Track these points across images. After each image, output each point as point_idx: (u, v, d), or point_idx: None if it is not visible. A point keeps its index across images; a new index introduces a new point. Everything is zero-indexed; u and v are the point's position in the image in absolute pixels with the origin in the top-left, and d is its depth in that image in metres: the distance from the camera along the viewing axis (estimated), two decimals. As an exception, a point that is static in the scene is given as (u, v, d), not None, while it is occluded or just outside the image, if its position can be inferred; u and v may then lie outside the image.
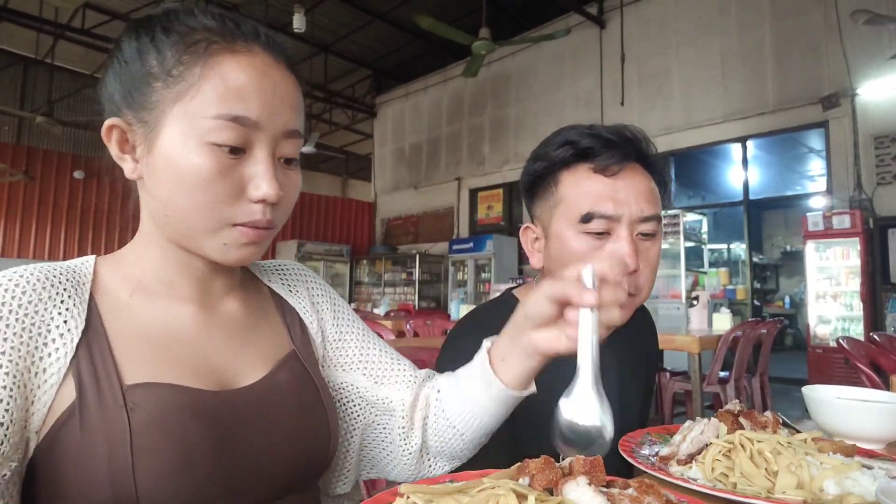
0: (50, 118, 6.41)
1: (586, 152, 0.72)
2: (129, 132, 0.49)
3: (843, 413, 0.66)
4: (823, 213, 4.99)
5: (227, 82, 0.46)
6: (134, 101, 0.48)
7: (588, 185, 0.71)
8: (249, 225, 0.48)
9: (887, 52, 4.47)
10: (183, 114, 0.46)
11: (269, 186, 0.47)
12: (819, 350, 4.95)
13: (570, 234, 0.72)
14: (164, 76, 0.47)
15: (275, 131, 0.48)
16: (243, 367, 0.53)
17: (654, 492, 0.35)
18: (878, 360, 1.66)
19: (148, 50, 0.48)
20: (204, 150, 0.46)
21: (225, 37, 0.48)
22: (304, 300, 0.64)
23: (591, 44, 6.81)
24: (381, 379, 0.64)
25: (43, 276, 0.46)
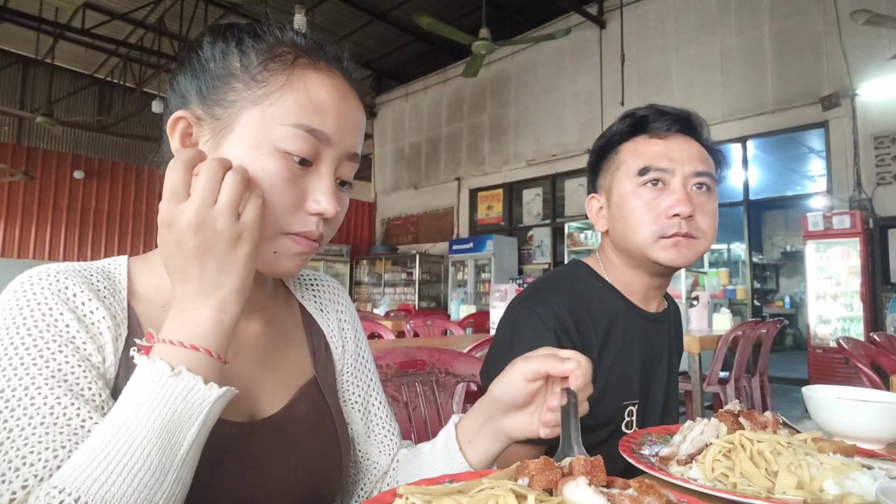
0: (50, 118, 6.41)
1: (643, 122, 0.82)
2: (196, 126, 0.49)
3: (843, 413, 0.66)
4: (823, 214, 4.99)
5: (311, 95, 0.47)
6: (208, 98, 0.48)
7: (644, 147, 0.82)
8: (303, 235, 0.48)
9: (887, 52, 4.47)
10: (261, 117, 0.46)
11: (329, 202, 0.48)
12: (819, 350, 4.95)
13: (630, 188, 0.81)
14: (246, 79, 0.47)
15: (341, 151, 0.50)
16: (264, 395, 0.52)
17: (654, 492, 0.35)
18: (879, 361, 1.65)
19: (232, 52, 0.49)
20: (276, 156, 0.46)
21: (310, 54, 0.49)
22: (333, 323, 0.63)
23: (591, 44, 6.81)
24: (371, 433, 0.63)
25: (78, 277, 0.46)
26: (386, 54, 8.86)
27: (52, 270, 0.45)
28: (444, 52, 8.19)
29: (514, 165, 7.60)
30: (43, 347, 0.41)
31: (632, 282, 0.85)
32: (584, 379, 0.48)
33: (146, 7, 7.10)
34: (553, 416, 0.48)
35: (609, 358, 0.80)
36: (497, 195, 7.99)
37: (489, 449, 0.53)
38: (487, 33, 4.99)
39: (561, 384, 0.49)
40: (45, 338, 0.41)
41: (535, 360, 0.49)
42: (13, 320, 0.42)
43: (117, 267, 0.50)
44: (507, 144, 7.80)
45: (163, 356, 0.38)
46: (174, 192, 0.39)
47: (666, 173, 0.79)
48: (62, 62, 8.31)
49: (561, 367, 0.48)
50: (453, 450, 0.54)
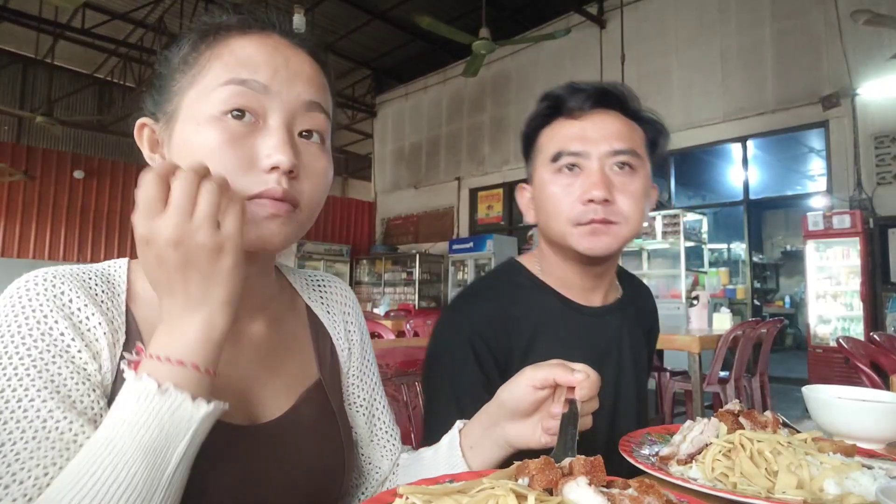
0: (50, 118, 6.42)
1: (559, 103, 0.77)
2: (157, 129, 0.50)
3: (843, 413, 0.66)
4: (823, 213, 4.99)
5: (236, 54, 0.47)
6: (161, 98, 0.49)
7: (560, 130, 0.77)
8: (264, 195, 0.45)
9: (887, 52, 4.46)
10: (196, 95, 0.46)
11: (281, 152, 0.45)
12: (819, 350, 4.95)
13: (546, 176, 0.77)
14: (183, 68, 0.48)
15: (289, 101, 0.47)
16: (268, 398, 0.52)
17: (654, 492, 0.35)
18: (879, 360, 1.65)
19: (173, 52, 0.50)
20: (213, 123, 0.45)
21: (241, 25, 0.49)
22: (339, 325, 0.62)
23: (591, 44, 6.80)
24: (374, 437, 0.63)
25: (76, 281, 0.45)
26: (386, 54, 8.85)
27: (48, 275, 0.44)
28: (445, 52, 8.18)
29: (514, 165, 7.59)
30: (37, 357, 0.40)
31: (567, 276, 0.80)
32: (590, 391, 0.48)
33: (146, 7, 7.10)
34: (554, 424, 0.49)
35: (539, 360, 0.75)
36: (497, 195, 7.99)
37: (491, 455, 0.53)
38: (487, 33, 4.99)
39: (567, 395, 0.49)
40: (39, 347, 0.41)
41: (544, 368, 0.50)
42: (8, 328, 0.41)
43: (117, 269, 0.49)
44: (507, 144, 7.80)
45: (150, 372, 0.38)
46: (148, 206, 0.37)
47: (580, 157, 0.73)
48: (62, 62, 8.30)
49: (569, 376, 0.48)
50: (456, 455, 0.54)
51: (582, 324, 0.79)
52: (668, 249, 6.01)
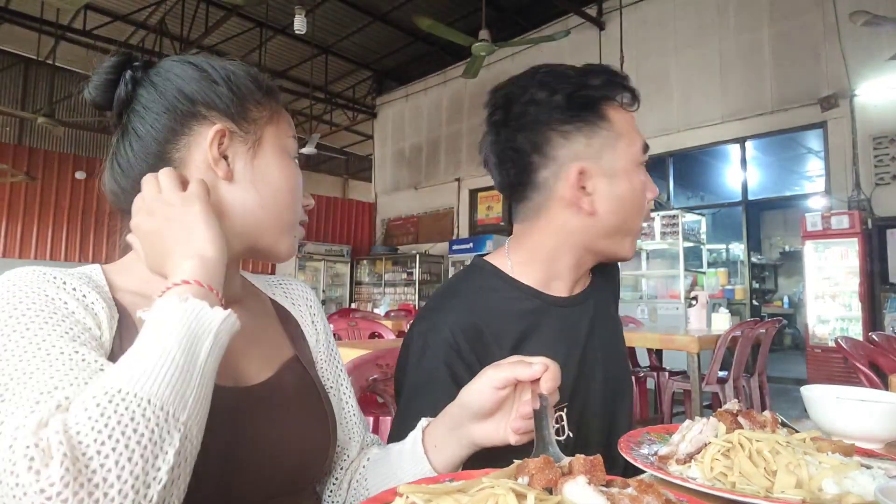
0: (51, 119, 6.41)
1: (620, 88, 0.72)
2: (232, 138, 0.56)
3: (842, 413, 0.66)
4: (822, 214, 5.00)
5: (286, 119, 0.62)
6: (238, 115, 0.56)
7: (629, 118, 0.73)
8: (303, 224, 0.61)
9: (886, 53, 4.47)
10: (275, 133, 0.59)
11: (309, 198, 0.63)
12: (818, 350, 4.96)
13: (635, 168, 0.71)
14: (260, 101, 0.58)
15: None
16: (251, 367, 0.55)
17: (653, 491, 0.35)
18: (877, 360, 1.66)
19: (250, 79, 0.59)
20: (293, 163, 0.60)
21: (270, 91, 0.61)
22: (305, 316, 0.69)
23: (591, 45, 6.81)
24: (342, 420, 0.66)
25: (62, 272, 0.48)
26: (386, 55, 8.86)
27: (33, 268, 0.47)
28: (445, 53, 8.19)
29: (514, 166, 7.59)
30: (47, 318, 0.43)
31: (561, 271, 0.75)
32: (553, 382, 0.49)
33: (147, 8, 7.11)
34: (524, 423, 0.50)
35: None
36: (497, 195, 7.99)
37: (454, 454, 0.54)
38: (487, 34, 4.99)
39: (533, 389, 0.50)
40: (46, 311, 0.44)
41: (504, 367, 0.51)
42: (8, 302, 0.43)
43: (92, 270, 0.53)
44: (506, 145, 7.80)
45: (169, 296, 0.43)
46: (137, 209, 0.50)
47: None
48: (63, 63, 8.30)
49: (529, 371, 0.49)
50: (419, 453, 0.55)
51: (563, 315, 0.75)
52: (666, 250, 6.02)
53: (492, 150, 0.75)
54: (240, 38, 7.79)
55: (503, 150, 0.73)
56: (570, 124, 0.70)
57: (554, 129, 0.70)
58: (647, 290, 6.18)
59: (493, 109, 0.74)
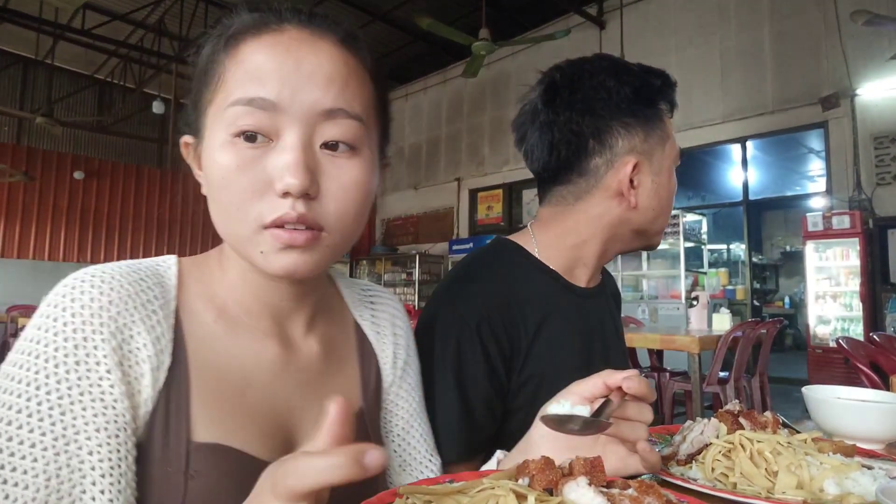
0: (50, 118, 6.41)
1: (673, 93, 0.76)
2: (195, 145, 0.47)
3: (843, 413, 0.66)
4: (823, 214, 4.99)
5: (245, 66, 0.42)
6: (192, 113, 0.47)
7: (671, 124, 0.75)
8: (279, 223, 0.42)
9: (887, 53, 4.47)
10: (213, 112, 0.44)
11: (293, 175, 0.41)
12: (819, 350, 4.95)
13: (673, 169, 0.75)
14: (203, 77, 0.45)
15: (304, 112, 0.42)
16: (305, 425, 0.48)
17: (654, 492, 0.35)
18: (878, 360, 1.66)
19: (195, 60, 0.47)
20: (226, 146, 0.42)
21: (255, 23, 0.44)
22: (387, 345, 0.58)
23: (591, 44, 6.81)
24: (407, 466, 0.57)
25: (129, 285, 0.42)
26: (386, 55, 8.85)
27: (100, 278, 0.41)
28: (445, 53, 8.19)
29: (514, 165, 7.59)
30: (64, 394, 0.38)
31: (594, 258, 0.76)
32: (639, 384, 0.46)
33: (146, 8, 7.10)
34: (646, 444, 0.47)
35: (543, 350, 0.69)
36: (497, 195, 8.00)
37: None
38: (487, 34, 4.99)
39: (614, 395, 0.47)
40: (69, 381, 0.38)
41: (589, 381, 0.47)
42: (45, 347, 0.39)
43: (167, 270, 0.46)
44: (507, 144, 7.80)
45: None
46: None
47: None
48: (62, 63, 8.30)
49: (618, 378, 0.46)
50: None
51: (580, 305, 0.75)
52: (667, 250, 6.01)
53: (547, 129, 0.74)
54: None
55: (562, 130, 0.73)
56: (633, 117, 0.71)
57: (617, 119, 0.71)
58: (647, 290, 6.17)
59: (554, 88, 0.74)
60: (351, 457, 0.28)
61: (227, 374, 0.45)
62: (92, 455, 0.38)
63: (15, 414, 0.37)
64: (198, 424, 0.42)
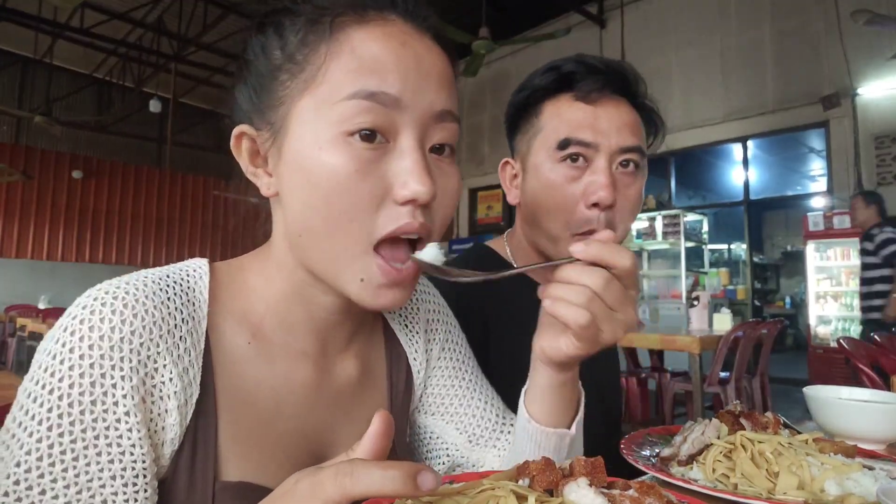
0: (48, 118, 6.41)
1: (570, 79, 0.68)
2: (259, 140, 0.42)
3: (844, 413, 0.66)
4: (824, 213, 4.99)
5: (359, 55, 0.38)
6: (261, 102, 0.41)
7: (568, 112, 0.68)
8: (398, 234, 0.39)
9: (887, 52, 4.46)
10: (313, 105, 0.39)
11: (419, 181, 0.38)
12: (820, 350, 4.95)
13: (548, 163, 0.68)
14: (290, 66, 0.40)
15: (421, 112, 0.39)
16: (337, 449, 0.47)
17: (654, 493, 0.35)
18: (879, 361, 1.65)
19: (272, 41, 0.41)
20: (338, 145, 0.38)
21: (354, 8, 0.40)
22: (418, 337, 0.55)
23: (592, 43, 6.80)
24: (478, 438, 0.55)
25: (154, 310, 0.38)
26: (386, 54, 8.85)
27: (126, 300, 0.37)
28: (444, 52, 8.18)
29: (514, 165, 7.60)
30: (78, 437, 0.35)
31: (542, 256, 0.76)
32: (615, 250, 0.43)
33: (145, 6, 7.10)
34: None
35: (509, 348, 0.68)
36: (497, 195, 7.99)
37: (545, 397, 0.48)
38: (487, 32, 4.99)
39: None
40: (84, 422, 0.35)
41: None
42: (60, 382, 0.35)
43: (198, 281, 0.42)
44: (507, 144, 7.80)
45: None
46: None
47: (590, 148, 0.66)
48: (61, 62, 8.30)
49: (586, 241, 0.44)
50: (524, 418, 0.49)
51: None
52: (668, 250, 6.02)
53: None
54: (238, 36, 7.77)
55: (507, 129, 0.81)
56: (520, 119, 0.76)
57: (514, 123, 0.77)
58: (648, 290, 6.18)
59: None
60: (407, 473, 0.27)
61: (258, 401, 0.43)
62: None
63: (24, 455, 0.35)
64: (225, 462, 0.40)
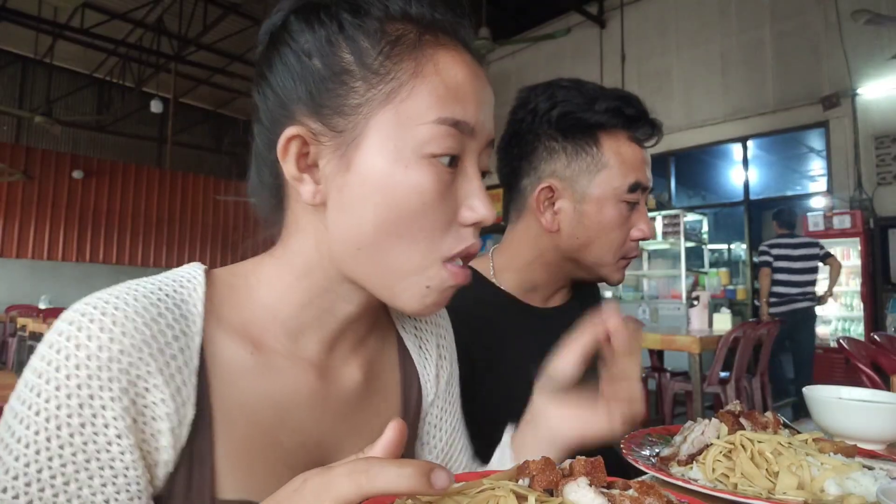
0: (49, 118, 6.42)
1: (630, 122, 0.71)
2: (314, 145, 0.39)
3: (844, 413, 0.66)
4: (824, 213, 4.99)
5: (446, 81, 0.38)
6: (323, 106, 0.39)
7: (629, 153, 0.71)
8: (463, 255, 0.40)
9: (887, 52, 4.47)
10: (395, 120, 0.38)
11: (486, 206, 0.40)
12: (820, 350, 4.95)
13: (612, 201, 0.70)
14: (365, 73, 0.38)
15: (483, 140, 0.41)
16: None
17: (654, 493, 0.35)
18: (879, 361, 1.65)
19: (337, 41, 0.39)
20: (423, 165, 0.38)
21: (432, 28, 0.40)
22: (431, 361, 0.54)
23: (592, 43, 6.80)
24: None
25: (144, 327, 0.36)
26: (386, 54, 8.85)
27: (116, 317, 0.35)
28: (444, 52, 8.18)
29: (514, 165, 7.60)
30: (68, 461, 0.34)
31: (543, 282, 0.77)
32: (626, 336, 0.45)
33: (145, 6, 7.10)
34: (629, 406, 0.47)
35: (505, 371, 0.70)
36: (497, 195, 7.83)
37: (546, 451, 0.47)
38: (487, 32, 4.98)
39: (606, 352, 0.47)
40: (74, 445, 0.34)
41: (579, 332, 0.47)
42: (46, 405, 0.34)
43: (191, 295, 0.40)
44: (507, 144, 7.80)
45: None
46: None
47: (644, 192, 0.72)
48: (61, 62, 8.30)
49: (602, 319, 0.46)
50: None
51: (536, 326, 0.76)
52: (668, 250, 6.01)
53: (499, 146, 0.77)
54: (238, 37, 7.78)
55: (503, 148, 0.77)
56: (555, 141, 0.72)
57: (541, 142, 0.73)
58: (648, 290, 6.17)
59: (511, 108, 0.77)
60: (421, 471, 0.26)
61: (259, 415, 0.41)
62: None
63: (11, 480, 0.33)
64: (223, 479, 0.38)
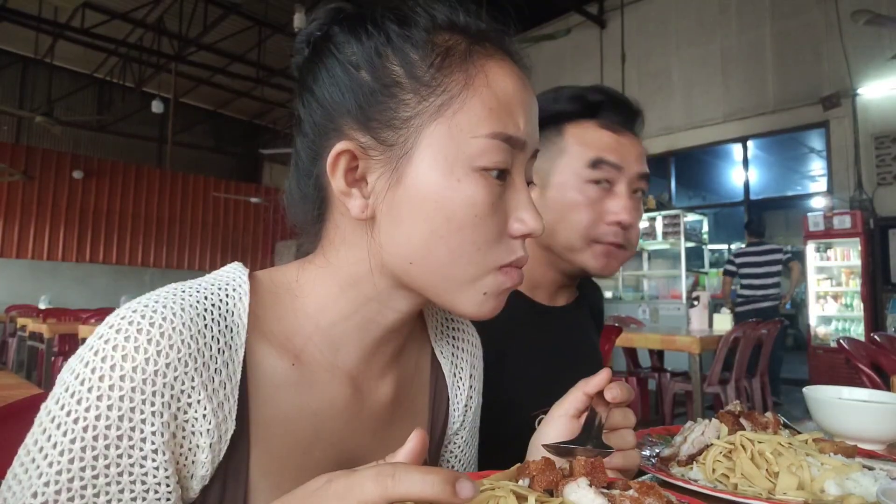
0: (49, 118, 6.42)
1: (594, 108, 0.73)
2: (363, 159, 0.39)
3: (844, 414, 0.66)
4: (824, 214, 4.99)
5: (497, 94, 0.39)
6: (372, 119, 0.38)
7: (595, 136, 0.73)
8: (516, 264, 0.40)
9: (888, 52, 4.47)
10: (447, 133, 0.38)
11: (535, 218, 0.40)
12: (820, 350, 4.95)
13: (574, 182, 0.72)
14: (416, 86, 0.38)
15: (530, 152, 0.41)
16: None
17: (654, 493, 0.35)
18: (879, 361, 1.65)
19: (386, 52, 0.39)
20: (475, 178, 0.38)
21: (480, 39, 0.40)
22: (463, 388, 0.53)
23: (592, 44, 6.81)
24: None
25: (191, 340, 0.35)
26: (386, 54, 8.85)
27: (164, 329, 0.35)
28: (445, 52, 8.18)
29: (515, 165, 7.59)
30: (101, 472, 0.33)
31: (542, 278, 0.77)
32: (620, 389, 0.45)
33: (146, 6, 7.10)
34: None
35: (511, 368, 0.71)
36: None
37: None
38: (487, 33, 4.99)
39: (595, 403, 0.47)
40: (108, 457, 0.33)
41: (570, 394, 0.47)
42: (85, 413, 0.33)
43: (236, 304, 0.39)
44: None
45: None
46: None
47: (615, 171, 0.71)
48: (61, 62, 8.30)
49: (596, 380, 0.45)
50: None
51: (548, 325, 0.77)
52: (668, 250, 6.02)
53: None
54: (239, 37, 7.79)
55: None
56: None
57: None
58: (648, 290, 6.17)
59: None
60: (446, 479, 0.26)
61: (295, 428, 0.40)
62: None
63: (43, 486, 0.33)
64: (257, 492, 0.38)
